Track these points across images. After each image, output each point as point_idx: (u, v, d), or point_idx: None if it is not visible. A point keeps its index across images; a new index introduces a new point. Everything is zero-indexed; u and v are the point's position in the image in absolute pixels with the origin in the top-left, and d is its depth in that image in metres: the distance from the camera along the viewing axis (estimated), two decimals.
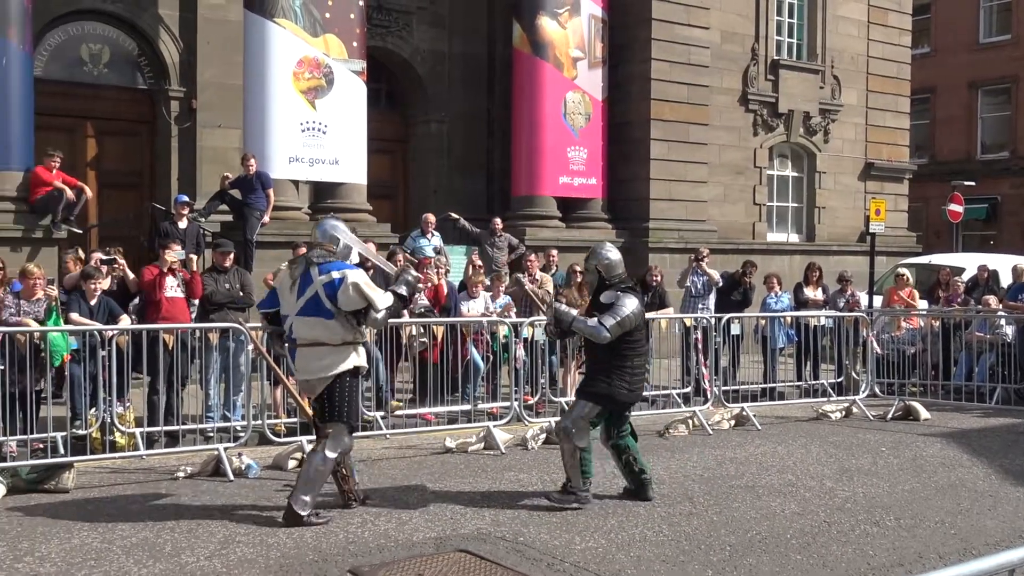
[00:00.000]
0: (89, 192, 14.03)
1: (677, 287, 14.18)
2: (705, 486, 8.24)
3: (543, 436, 9.91)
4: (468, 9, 18.96)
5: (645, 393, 11.95)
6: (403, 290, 7.08)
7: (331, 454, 6.89)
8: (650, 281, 13.08)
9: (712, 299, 13.85)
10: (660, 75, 18.28)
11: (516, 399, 10.45)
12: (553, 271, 13.42)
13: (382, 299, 6.88)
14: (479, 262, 13.59)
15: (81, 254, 11.33)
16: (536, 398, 11.00)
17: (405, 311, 8.62)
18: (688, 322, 12.32)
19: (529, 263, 12.88)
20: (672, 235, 18.20)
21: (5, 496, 7.53)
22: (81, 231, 14.02)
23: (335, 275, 6.81)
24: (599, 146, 18.28)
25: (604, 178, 18.39)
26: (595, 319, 7.46)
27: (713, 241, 17.84)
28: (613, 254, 7.76)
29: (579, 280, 12.33)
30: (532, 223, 17.46)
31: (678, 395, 11.93)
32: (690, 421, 10.89)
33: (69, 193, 13.12)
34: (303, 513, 6.74)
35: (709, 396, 11.66)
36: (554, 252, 13.78)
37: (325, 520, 6.80)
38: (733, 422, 11.25)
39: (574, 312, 7.69)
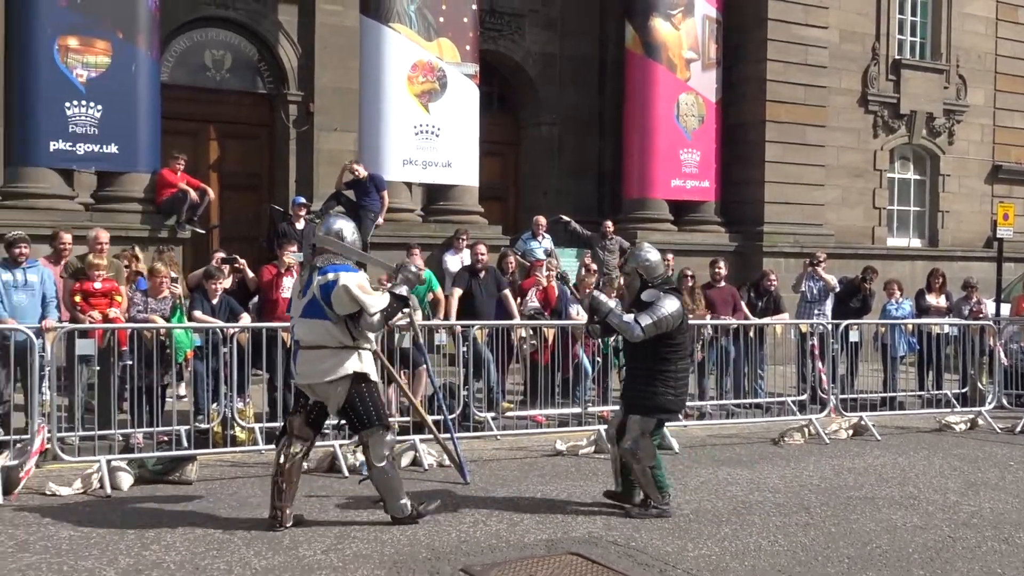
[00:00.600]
0: (212, 194, 14.47)
1: (792, 292, 13.87)
2: (822, 496, 8.03)
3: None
4: (580, 11, 18.93)
5: (759, 400, 11.90)
6: (402, 289, 6.86)
7: (379, 464, 6.76)
8: (765, 286, 12.84)
9: (828, 305, 13.52)
10: (776, 76, 17.93)
11: None
12: (669, 274, 13.25)
13: (376, 301, 6.67)
14: (593, 265, 13.54)
15: (138, 251, 11.51)
16: None
17: (439, 315, 8.30)
18: (804, 328, 12.04)
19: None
20: (787, 239, 17.83)
21: (132, 486, 7.80)
22: (204, 231, 14.46)
23: (330, 277, 6.66)
24: (712, 148, 18.03)
25: (717, 181, 18.12)
26: (631, 315, 7.29)
27: (830, 245, 17.41)
28: (653, 255, 7.57)
29: (691, 284, 12.18)
30: (643, 226, 17.32)
31: (793, 403, 11.68)
32: (806, 429, 10.64)
33: (193, 195, 13.55)
34: (406, 515, 6.80)
35: (826, 404, 11.38)
36: (670, 256, 13.59)
37: (437, 504, 7.02)
38: (851, 431, 10.95)
39: (611, 304, 7.42)
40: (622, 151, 18.19)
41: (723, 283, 12.58)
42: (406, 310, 7.25)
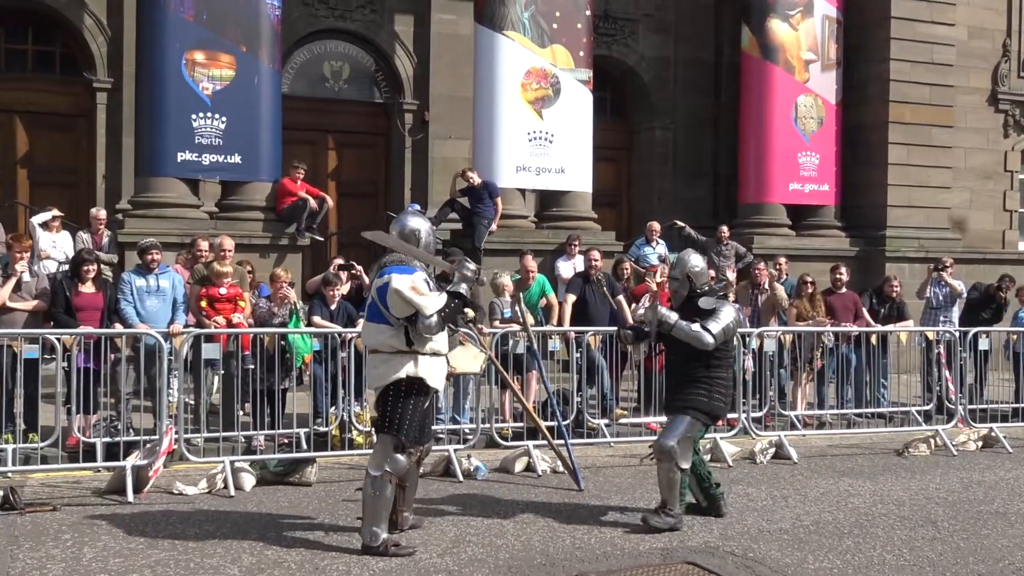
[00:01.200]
0: (331, 202, 14.79)
1: (916, 298, 13.42)
2: (950, 510, 7.74)
3: (772, 450, 9.63)
4: (695, 15, 18.72)
5: (882, 409, 11.55)
6: (461, 288, 6.48)
7: (374, 472, 6.27)
8: (888, 292, 12.45)
9: (955, 312, 13.03)
10: (900, 76, 17.38)
11: (744, 411, 10.19)
12: (783, 279, 12.99)
13: (430, 303, 6.19)
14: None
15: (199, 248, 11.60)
16: (764, 410, 10.67)
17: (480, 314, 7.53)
18: (931, 336, 11.64)
19: (758, 271, 12.51)
20: (911, 244, 17.26)
21: (255, 487, 8.01)
22: (322, 238, 14.79)
23: (386, 279, 6.28)
24: (832, 151, 17.59)
25: (837, 184, 17.67)
26: (697, 324, 7.09)
27: (957, 250, 16.79)
28: (700, 261, 7.45)
29: (811, 291, 11.90)
30: (760, 231, 17.01)
31: (918, 413, 11.30)
32: (932, 440, 10.28)
33: (312, 203, 13.87)
34: (372, 544, 6.20)
35: (953, 414, 10.98)
36: (783, 260, 13.33)
37: (408, 552, 6.22)
38: (980, 443, 10.54)
39: (674, 316, 7.18)
40: (737, 155, 17.91)
41: (844, 289, 12.24)
42: (466, 310, 6.77)
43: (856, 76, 17.77)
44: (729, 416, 10.31)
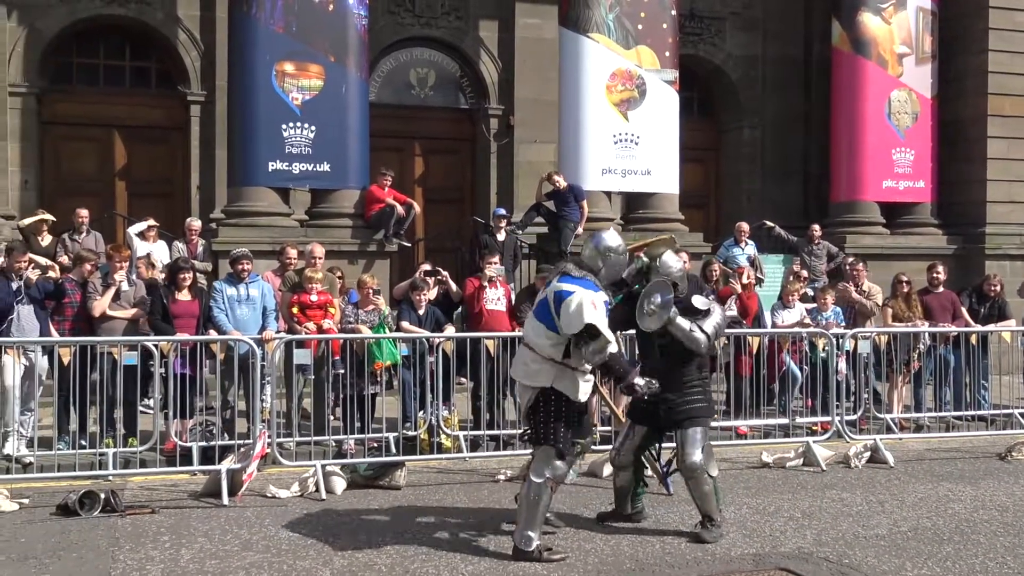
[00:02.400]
0: (417, 208, 14.92)
1: (1018, 297, 12.97)
2: None
3: (867, 454, 9.39)
4: (783, 11, 18.41)
5: (983, 412, 11.18)
6: (610, 358, 6.36)
7: (536, 479, 6.32)
8: (988, 291, 12.05)
9: None
10: (999, 67, 16.83)
11: (837, 414, 9.97)
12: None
13: (611, 337, 6.28)
14: (803, 272, 13.10)
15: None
16: (859, 413, 10.43)
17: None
18: None
19: (857, 272, 12.21)
20: (1013, 240, 16.69)
21: (345, 490, 8.11)
22: (410, 244, 14.93)
23: (566, 287, 6.25)
24: (927, 147, 17.11)
25: (933, 181, 17.18)
26: (687, 322, 6.85)
27: None
28: (676, 261, 7.09)
29: (907, 291, 11.59)
30: (853, 229, 16.64)
31: (1021, 415, 10.91)
32: None
33: (400, 209, 14.02)
34: (527, 549, 6.20)
35: None
36: (860, 266, 12.77)
37: (561, 557, 6.22)
38: None
39: (675, 311, 6.83)
40: (829, 153, 17.55)
41: (941, 288, 11.89)
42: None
43: (952, 69, 17.26)
44: (822, 419, 10.17)
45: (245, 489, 7.82)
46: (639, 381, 6.52)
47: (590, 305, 6.11)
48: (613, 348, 6.39)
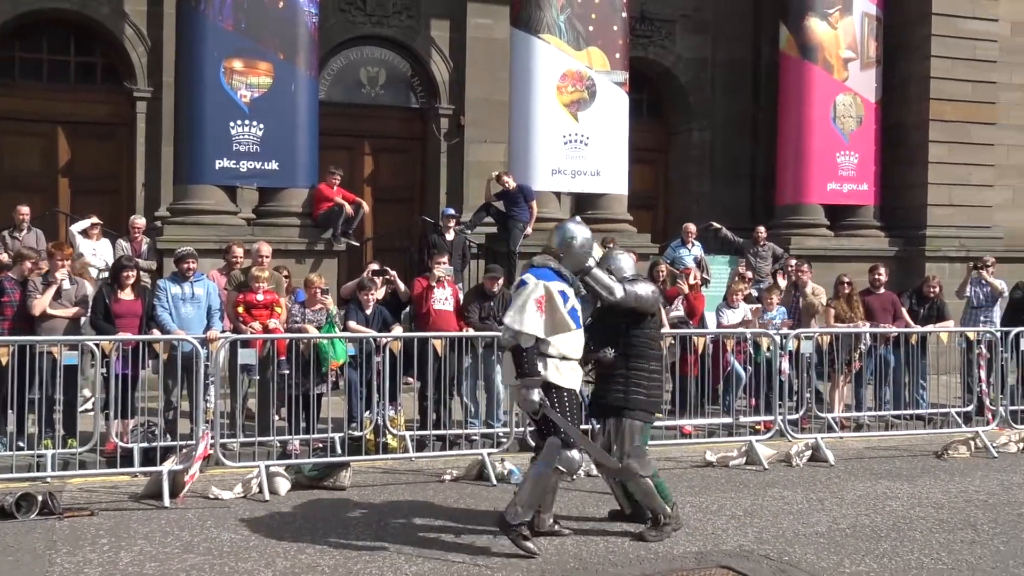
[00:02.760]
0: (366, 207, 14.86)
1: (957, 298, 13.23)
2: (989, 513, 7.63)
3: (808, 453, 9.54)
4: (732, 15, 18.60)
5: (921, 411, 11.39)
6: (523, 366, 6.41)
7: (545, 463, 6.48)
8: (927, 292, 12.29)
9: (997, 312, 12.84)
10: (941, 73, 17.14)
11: (780, 413, 10.11)
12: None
13: (531, 326, 6.35)
14: (748, 273, 13.25)
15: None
16: (801, 413, 10.58)
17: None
18: (971, 336, 11.47)
19: (801, 272, 12.39)
20: (952, 243, 17.02)
21: (289, 491, 8.07)
22: (358, 244, 14.86)
23: (524, 278, 6.57)
24: (871, 150, 17.38)
25: (876, 184, 17.45)
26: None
27: (999, 249, 16.50)
28: (625, 258, 7.17)
29: (848, 292, 11.78)
30: (798, 231, 16.85)
31: (958, 414, 11.13)
32: (972, 442, 10.14)
33: (348, 208, 13.95)
34: (512, 521, 6.36)
35: (993, 416, 10.81)
36: (805, 267, 12.95)
37: (531, 554, 6.26)
38: (1022, 445, 10.37)
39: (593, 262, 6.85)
40: (775, 155, 17.76)
41: (883, 290, 12.10)
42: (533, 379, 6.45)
43: (896, 74, 17.56)
44: (765, 418, 10.31)
45: (187, 491, 7.75)
46: (530, 397, 6.45)
47: (533, 307, 6.31)
48: (528, 343, 6.37)
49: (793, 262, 13.07)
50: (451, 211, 13.94)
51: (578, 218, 8.30)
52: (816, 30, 17.03)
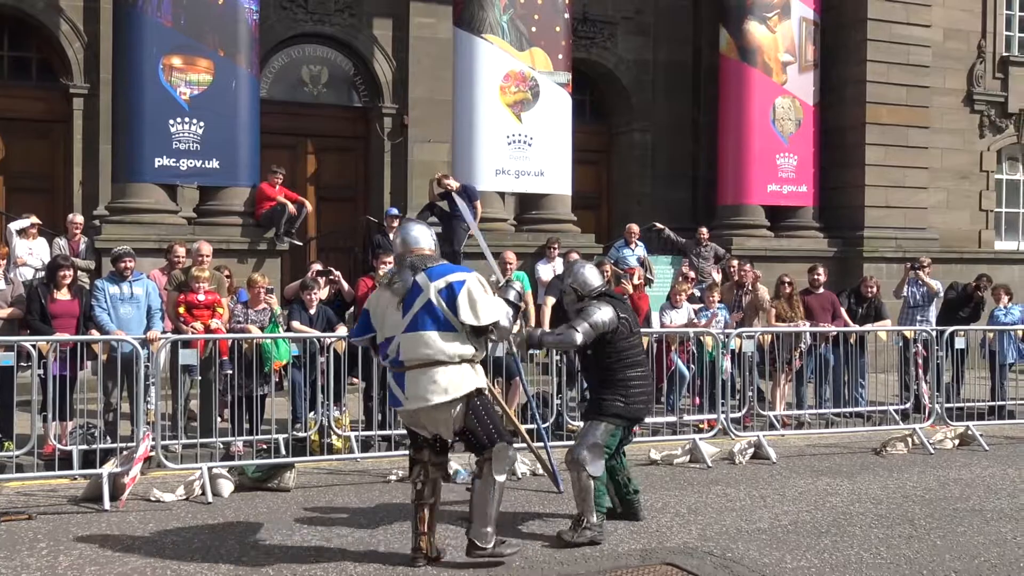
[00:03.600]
0: (309, 206, 14.74)
1: (894, 298, 13.51)
2: (926, 508, 7.79)
3: (751, 451, 9.65)
4: (673, 17, 18.79)
5: (860, 409, 11.60)
6: (511, 295, 6.31)
7: (499, 477, 6.03)
8: (864, 292, 12.53)
9: (933, 311, 13.12)
10: (876, 77, 17.51)
11: (723, 412, 10.22)
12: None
13: (500, 305, 6.09)
14: (691, 273, 13.37)
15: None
16: (743, 411, 10.71)
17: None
18: (908, 335, 11.71)
19: (744, 272, 12.54)
20: (889, 244, 17.37)
21: (233, 493, 7.97)
22: (301, 243, 14.74)
23: (452, 278, 5.94)
24: (810, 152, 17.68)
25: (815, 185, 17.76)
26: (563, 326, 7.00)
27: (934, 250, 16.91)
28: (588, 271, 7.16)
29: (789, 291, 11.96)
30: (739, 232, 17.08)
31: (895, 411, 11.36)
32: (909, 439, 10.33)
33: (291, 207, 13.83)
34: (486, 546, 6.03)
35: (930, 413, 11.05)
36: (747, 267, 13.11)
37: (515, 550, 6.20)
38: (957, 441, 10.61)
39: (539, 330, 7.38)
40: (717, 157, 17.98)
41: (822, 289, 12.31)
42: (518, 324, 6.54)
43: (834, 77, 17.88)
44: (708, 417, 10.42)
45: (128, 493, 7.60)
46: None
47: (484, 290, 5.98)
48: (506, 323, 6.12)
49: (735, 262, 13.23)
50: (395, 211, 13.87)
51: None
52: (755, 33, 17.28)
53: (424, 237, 6.25)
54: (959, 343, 11.56)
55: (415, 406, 5.92)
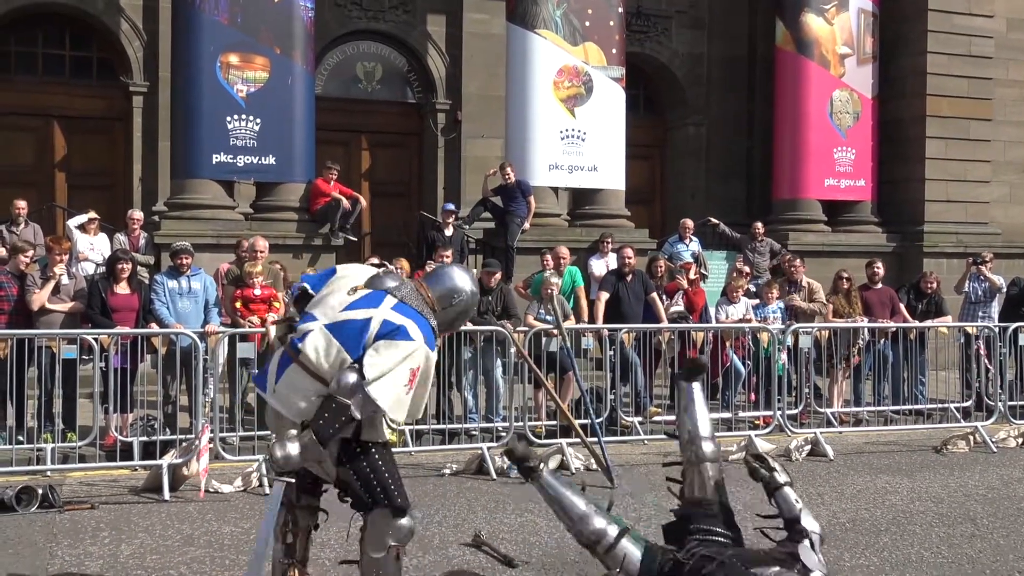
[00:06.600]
0: (364, 202, 14.85)
1: (955, 293, 13.25)
2: (989, 507, 7.64)
3: (808, 447, 9.54)
4: (728, 10, 18.61)
5: (920, 406, 11.39)
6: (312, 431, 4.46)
7: (377, 554, 4.74)
8: (925, 287, 12.29)
9: (995, 307, 12.84)
10: (937, 69, 17.18)
11: (779, 408, 10.11)
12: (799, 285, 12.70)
13: (391, 399, 4.43)
14: (746, 268, 13.25)
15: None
16: (800, 408, 10.59)
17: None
18: (970, 331, 11.48)
19: (794, 268, 12.38)
20: (949, 239, 17.05)
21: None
22: (356, 239, 14.84)
23: (404, 323, 4.52)
24: (868, 146, 17.41)
25: (874, 179, 17.49)
26: None
27: (997, 245, 16.57)
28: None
29: (847, 287, 11.79)
30: (795, 227, 16.86)
31: (957, 409, 11.15)
32: (971, 437, 10.13)
33: (346, 203, 13.93)
34: None
35: (993, 411, 10.83)
36: (797, 262, 12.86)
37: None
38: (1021, 440, 10.38)
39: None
40: (772, 151, 17.77)
41: (880, 285, 12.12)
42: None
43: (892, 70, 17.58)
44: (764, 413, 10.32)
45: (204, 485, 7.62)
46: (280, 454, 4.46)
47: (405, 377, 4.46)
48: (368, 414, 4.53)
49: (788, 256, 13.04)
50: (451, 206, 13.95)
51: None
52: (812, 26, 17.05)
53: (441, 290, 4.84)
54: (1023, 340, 11.30)
55: (276, 404, 4.66)
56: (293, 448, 4.45)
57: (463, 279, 4.92)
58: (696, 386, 5.22)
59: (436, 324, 4.72)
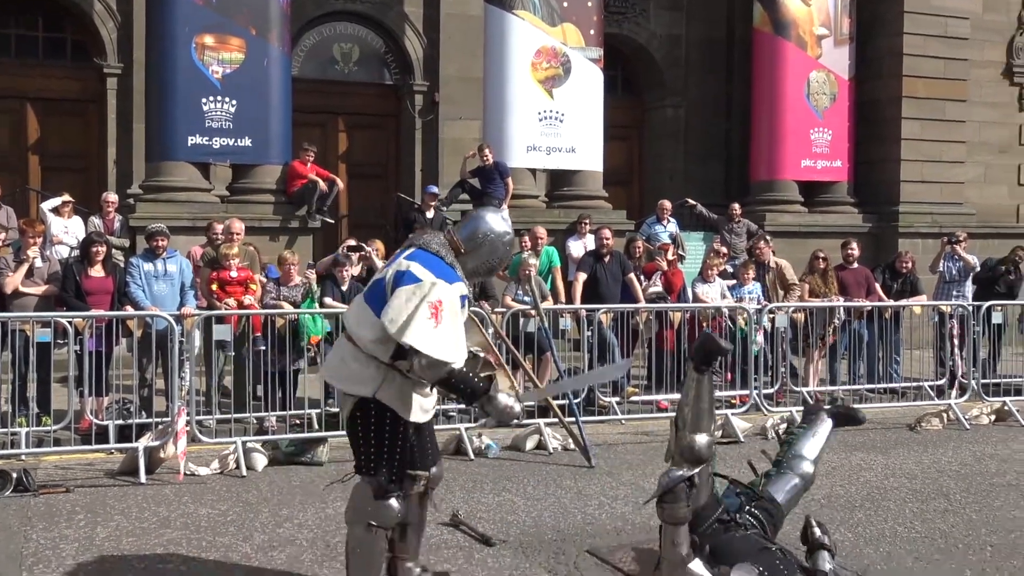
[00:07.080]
0: (341, 184, 14.76)
1: (929, 273, 13.34)
2: (962, 483, 7.73)
3: (784, 426, 9.58)
4: None
5: (894, 384, 11.48)
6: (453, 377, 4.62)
7: (355, 528, 4.82)
8: (900, 267, 12.38)
9: (969, 286, 12.95)
10: (913, 50, 17.23)
11: (755, 387, 10.17)
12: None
13: (451, 349, 4.51)
14: (723, 249, 13.30)
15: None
16: (776, 387, 10.65)
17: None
18: (944, 310, 11.57)
19: (760, 250, 12.43)
20: (924, 219, 17.15)
21: (266, 467, 8.05)
22: (333, 220, 14.78)
23: (415, 269, 4.56)
24: (845, 127, 17.46)
25: (850, 160, 17.55)
26: None
27: (971, 225, 16.66)
28: None
29: (823, 267, 11.85)
30: (772, 208, 16.92)
31: (931, 387, 11.24)
32: (944, 415, 10.25)
33: (322, 185, 13.86)
34: None
35: (966, 389, 10.92)
36: (762, 244, 12.91)
37: None
38: (993, 417, 10.50)
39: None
40: (750, 132, 17.80)
41: (856, 264, 12.19)
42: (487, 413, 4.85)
43: (869, 51, 17.62)
44: (740, 392, 10.37)
45: (183, 467, 7.60)
46: (507, 402, 4.73)
47: (426, 312, 4.43)
48: (459, 365, 4.62)
49: (761, 244, 13.08)
50: (434, 189, 13.93)
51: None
52: (790, 6, 17.05)
53: (468, 232, 4.85)
54: (996, 318, 11.39)
55: (326, 375, 5.13)
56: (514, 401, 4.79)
57: (493, 219, 4.89)
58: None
59: (458, 263, 4.71)
